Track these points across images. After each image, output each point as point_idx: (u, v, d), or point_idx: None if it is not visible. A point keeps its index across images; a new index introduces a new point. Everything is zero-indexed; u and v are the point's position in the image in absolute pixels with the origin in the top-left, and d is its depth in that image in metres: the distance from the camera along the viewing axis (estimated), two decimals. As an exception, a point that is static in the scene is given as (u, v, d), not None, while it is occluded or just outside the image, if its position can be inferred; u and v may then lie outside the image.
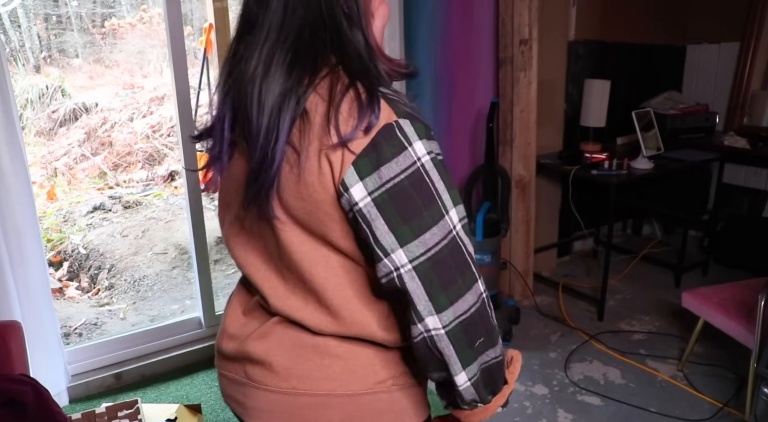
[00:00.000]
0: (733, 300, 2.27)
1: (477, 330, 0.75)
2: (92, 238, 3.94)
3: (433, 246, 0.72)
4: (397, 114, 0.73)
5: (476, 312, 0.74)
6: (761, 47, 3.57)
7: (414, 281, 0.72)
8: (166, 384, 2.38)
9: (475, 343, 0.75)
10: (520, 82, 2.81)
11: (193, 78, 4.34)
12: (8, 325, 1.66)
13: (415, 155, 0.72)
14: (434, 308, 0.72)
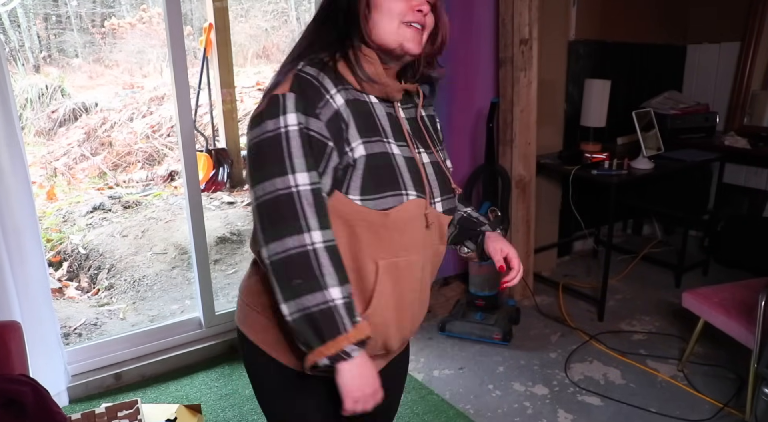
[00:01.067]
0: (733, 300, 2.27)
1: (296, 271, 0.90)
2: (92, 238, 3.93)
3: (270, 192, 0.91)
4: (290, 89, 0.93)
5: (296, 256, 0.90)
6: (761, 47, 3.57)
7: (255, 214, 0.93)
8: (166, 384, 2.38)
9: (293, 282, 0.90)
10: (520, 82, 2.81)
11: (193, 78, 4.34)
12: (8, 325, 1.65)
13: (284, 122, 0.91)
14: (263, 240, 0.92)
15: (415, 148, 1.05)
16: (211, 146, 4.81)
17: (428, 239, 1.06)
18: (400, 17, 0.98)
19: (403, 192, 0.97)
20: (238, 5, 5.87)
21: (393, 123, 1.04)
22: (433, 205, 1.05)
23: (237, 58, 5.59)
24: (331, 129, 0.94)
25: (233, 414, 2.20)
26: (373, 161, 0.96)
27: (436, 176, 1.07)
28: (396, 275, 1.02)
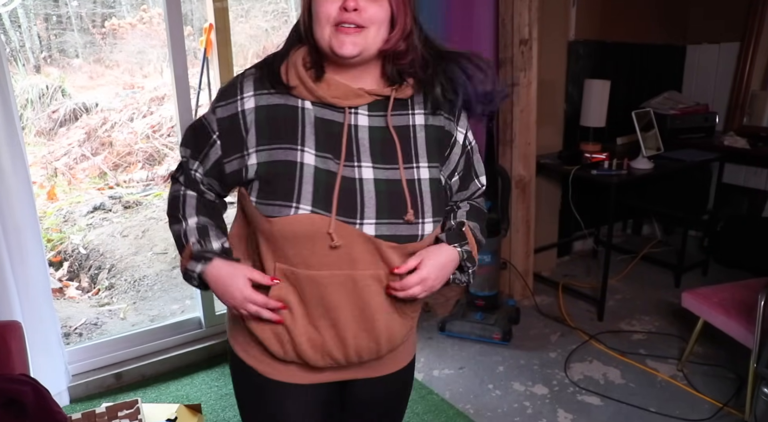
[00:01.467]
0: (733, 300, 2.28)
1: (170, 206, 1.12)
2: (92, 238, 3.94)
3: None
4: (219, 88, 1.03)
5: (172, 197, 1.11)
6: (761, 47, 3.57)
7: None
8: (167, 383, 2.38)
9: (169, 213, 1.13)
10: (520, 82, 2.81)
11: (193, 78, 4.33)
12: (8, 325, 1.66)
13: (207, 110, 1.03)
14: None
15: (348, 161, 0.96)
16: (211, 146, 4.80)
17: (343, 258, 0.96)
18: (331, 21, 0.92)
19: (292, 204, 0.93)
20: (239, 5, 5.87)
21: (329, 131, 0.97)
22: (358, 225, 0.95)
23: (237, 58, 5.58)
24: (223, 125, 0.99)
25: (233, 414, 2.20)
26: (268, 168, 0.96)
27: (383, 197, 0.96)
28: (299, 285, 1.00)
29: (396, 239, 0.97)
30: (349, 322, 1.02)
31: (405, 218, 0.96)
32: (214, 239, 1.06)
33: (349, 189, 0.96)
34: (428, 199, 0.99)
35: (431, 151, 1.02)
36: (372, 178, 0.97)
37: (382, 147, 0.98)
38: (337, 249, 0.95)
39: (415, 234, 0.98)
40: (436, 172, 1.02)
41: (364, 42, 0.93)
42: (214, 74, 4.72)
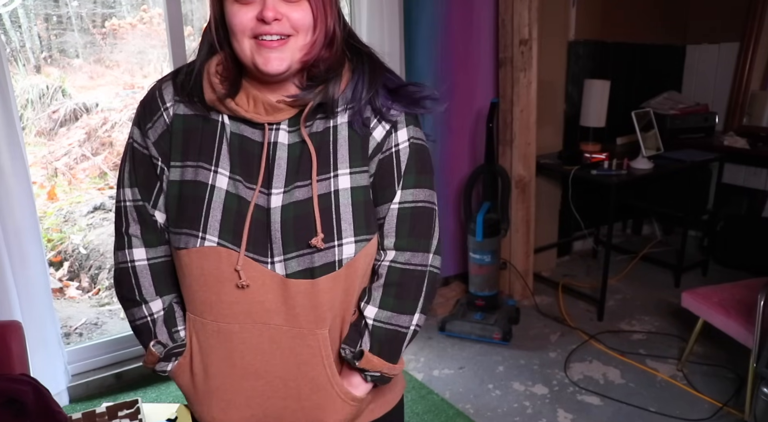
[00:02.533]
0: (732, 300, 2.28)
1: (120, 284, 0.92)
2: (93, 238, 3.94)
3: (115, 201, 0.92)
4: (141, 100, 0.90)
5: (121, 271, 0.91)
6: (761, 47, 3.57)
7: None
8: (167, 383, 2.38)
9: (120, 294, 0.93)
10: (520, 82, 2.81)
11: (193, 78, 4.34)
12: (9, 325, 1.66)
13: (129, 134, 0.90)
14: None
15: (264, 186, 0.83)
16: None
17: (254, 305, 0.83)
18: (248, 33, 0.79)
19: (198, 234, 0.82)
20: (239, 6, 5.88)
21: (245, 150, 0.84)
22: (270, 265, 0.82)
23: (237, 58, 5.59)
24: (162, 147, 0.86)
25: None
26: (181, 188, 0.84)
27: (288, 225, 0.82)
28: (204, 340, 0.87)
29: (309, 273, 0.82)
30: (270, 398, 0.87)
31: (313, 243, 0.81)
32: (180, 321, 0.90)
33: (261, 221, 0.82)
34: (348, 214, 0.83)
35: (354, 151, 0.85)
36: (280, 205, 0.82)
37: (299, 164, 0.84)
38: (247, 294, 0.82)
39: (331, 262, 0.82)
40: (362, 178, 0.85)
41: (291, 55, 0.80)
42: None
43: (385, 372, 0.88)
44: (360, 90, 0.85)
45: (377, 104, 0.86)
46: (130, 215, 0.89)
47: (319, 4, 0.80)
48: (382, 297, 0.88)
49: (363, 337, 0.88)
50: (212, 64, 0.85)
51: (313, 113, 0.85)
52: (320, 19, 0.81)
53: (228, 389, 0.87)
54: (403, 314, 0.89)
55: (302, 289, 0.82)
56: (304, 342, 0.84)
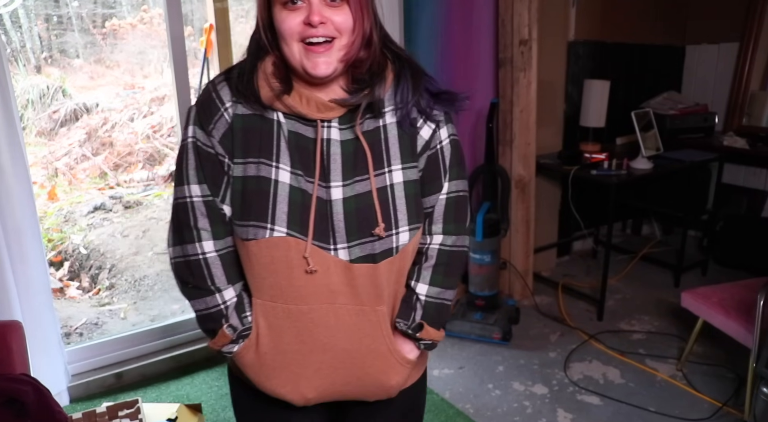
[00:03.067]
0: (732, 300, 2.28)
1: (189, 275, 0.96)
2: (93, 238, 3.94)
3: (174, 199, 0.95)
4: (196, 102, 0.95)
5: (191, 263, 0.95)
6: (760, 47, 3.58)
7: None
8: (167, 383, 2.39)
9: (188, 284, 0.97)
10: (519, 82, 2.82)
11: (193, 78, 4.34)
12: (9, 325, 1.66)
13: (186, 135, 0.94)
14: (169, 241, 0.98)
15: (322, 180, 0.90)
16: (211, 147, 4.81)
17: (320, 288, 0.91)
18: (296, 37, 0.86)
19: (267, 225, 0.88)
20: (239, 6, 5.88)
21: (301, 146, 0.91)
22: (333, 251, 0.90)
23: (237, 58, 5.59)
24: (226, 145, 0.92)
25: (233, 414, 2.20)
26: (245, 184, 0.90)
27: (352, 217, 0.91)
28: (274, 321, 0.94)
29: (371, 258, 0.91)
30: (337, 368, 0.96)
31: (375, 233, 0.90)
32: (247, 307, 0.97)
33: (322, 212, 0.90)
34: (402, 205, 0.93)
35: (404, 149, 0.95)
36: (341, 198, 0.91)
37: (355, 159, 0.92)
38: (314, 278, 0.90)
39: (390, 248, 0.92)
40: (412, 172, 0.95)
41: (337, 58, 0.88)
42: (215, 74, 4.74)
43: (435, 340, 1.02)
44: (406, 94, 0.94)
45: (423, 106, 0.96)
46: (198, 210, 0.93)
47: (358, 8, 0.87)
48: (431, 276, 1.01)
49: (416, 311, 1.00)
50: (267, 64, 0.91)
51: (363, 113, 0.93)
52: (358, 22, 0.88)
53: (299, 363, 0.96)
54: (449, 289, 1.03)
55: (364, 272, 0.92)
56: (365, 318, 0.94)
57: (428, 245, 1.01)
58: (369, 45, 0.91)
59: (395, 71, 0.95)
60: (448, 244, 1.02)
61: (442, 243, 1.02)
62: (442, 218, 1.00)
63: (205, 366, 2.50)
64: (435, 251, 1.01)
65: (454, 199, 1.01)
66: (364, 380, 0.98)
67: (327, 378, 0.97)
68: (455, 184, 1.01)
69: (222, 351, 0.97)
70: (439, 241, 1.01)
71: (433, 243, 1.01)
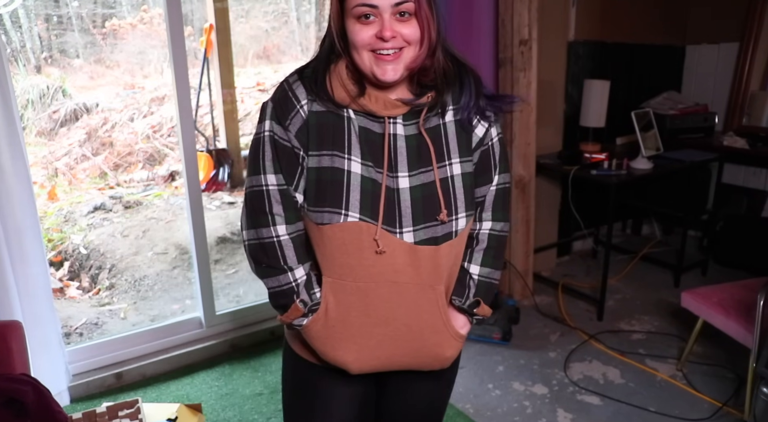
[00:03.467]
0: (732, 300, 2.28)
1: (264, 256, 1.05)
2: (93, 238, 3.94)
3: (249, 187, 1.05)
4: (271, 98, 1.04)
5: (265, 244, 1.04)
6: (760, 47, 3.58)
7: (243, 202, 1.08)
8: (167, 383, 2.39)
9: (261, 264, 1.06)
10: (519, 82, 2.82)
11: (193, 78, 4.34)
12: (9, 325, 1.66)
13: (263, 128, 1.02)
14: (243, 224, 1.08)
15: (390, 171, 1.01)
16: (211, 147, 4.81)
17: (386, 268, 1.02)
18: (366, 48, 0.96)
19: (341, 211, 0.99)
20: (239, 6, 5.88)
21: (370, 140, 1.01)
22: (398, 234, 1.01)
23: (237, 58, 5.59)
24: (301, 139, 1.01)
25: (233, 414, 2.21)
26: (319, 174, 1.00)
27: (418, 203, 1.02)
28: (342, 297, 1.04)
29: (434, 241, 1.02)
30: (398, 340, 1.07)
31: (439, 219, 1.02)
32: (315, 284, 1.07)
33: (391, 199, 1.01)
34: (461, 194, 1.04)
35: (461, 145, 1.06)
36: (408, 187, 1.01)
37: (418, 152, 1.02)
38: (381, 258, 1.00)
39: (450, 232, 1.04)
40: (468, 165, 1.06)
41: (403, 66, 0.97)
42: (214, 74, 4.75)
43: (486, 315, 1.16)
44: (468, 98, 1.05)
45: (481, 107, 1.07)
46: (273, 198, 1.03)
47: (425, 21, 0.96)
48: (483, 258, 1.14)
49: (470, 289, 1.13)
50: (341, 68, 1.01)
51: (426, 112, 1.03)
52: (425, 33, 0.97)
53: (363, 335, 1.06)
54: (497, 270, 1.17)
55: (427, 254, 1.03)
56: (425, 296, 1.05)
57: (479, 230, 1.13)
58: (433, 54, 1.00)
59: (460, 79, 1.05)
60: (497, 229, 1.14)
61: (491, 228, 1.14)
62: (491, 206, 1.13)
63: (205, 366, 2.50)
64: (485, 235, 1.14)
65: (502, 190, 1.13)
66: (421, 352, 1.09)
67: (387, 349, 1.07)
68: (503, 176, 1.13)
69: (293, 324, 1.07)
70: (489, 227, 1.14)
71: (484, 228, 1.14)
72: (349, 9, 0.95)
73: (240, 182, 4.95)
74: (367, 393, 1.19)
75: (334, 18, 0.99)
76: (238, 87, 5.12)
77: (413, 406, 1.22)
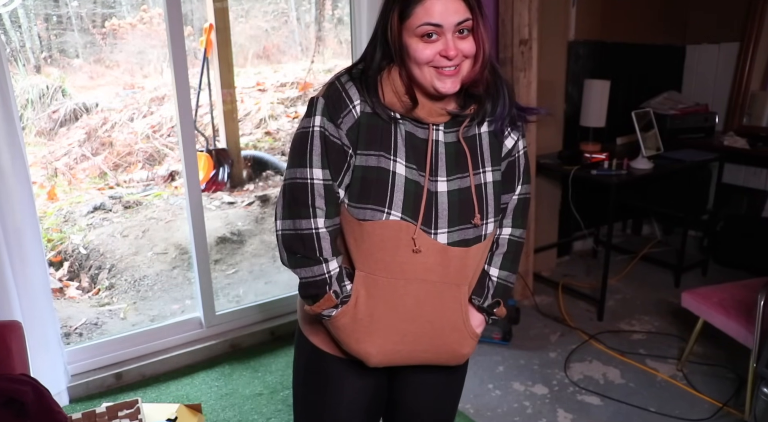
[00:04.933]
0: (732, 300, 2.28)
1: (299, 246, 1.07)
2: (92, 238, 3.94)
3: (292, 178, 1.07)
4: (323, 94, 1.06)
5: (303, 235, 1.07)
6: (761, 47, 3.58)
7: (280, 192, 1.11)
8: (167, 383, 2.39)
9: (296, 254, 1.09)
10: (520, 82, 2.81)
11: (193, 78, 4.34)
12: (8, 325, 1.66)
13: (312, 123, 1.05)
14: (279, 214, 1.10)
15: (431, 175, 1.06)
16: (211, 147, 4.81)
17: (418, 266, 1.06)
18: (430, 64, 1.00)
19: (384, 210, 1.03)
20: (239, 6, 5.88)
21: (414, 145, 1.06)
22: (433, 235, 1.06)
23: (237, 58, 5.59)
24: (351, 137, 1.05)
25: (233, 414, 2.21)
26: (365, 172, 1.04)
27: (454, 207, 1.07)
28: (373, 291, 1.08)
29: (465, 243, 1.08)
30: (420, 336, 1.11)
31: (473, 222, 1.08)
32: (346, 278, 1.11)
33: (430, 201, 1.06)
34: (492, 201, 1.11)
35: (494, 155, 1.12)
36: (446, 190, 1.07)
37: (456, 159, 1.08)
38: (415, 257, 1.05)
39: (480, 235, 1.10)
40: (498, 174, 1.13)
41: (461, 77, 1.03)
42: (214, 74, 4.75)
43: (502, 316, 1.20)
44: (503, 109, 1.10)
45: (513, 118, 1.13)
46: (317, 191, 1.05)
47: (480, 38, 1.01)
48: (502, 261, 1.19)
49: (489, 290, 1.18)
50: (395, 78, 1.04)
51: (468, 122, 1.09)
52: (481, 48, 1.02)
53: (389, 329, 1.10)
54: (514, 273, 1.21)
55: (458, 254, 1.08)
56: (450, 294, 1.10)
57: (500, 235, 1.20)
58: (477, 64, 1.04)
59: (496, 88, 1.09)
60: (516, 235, 1.21)
61: (511, 234, 1.20)
62: (512, 213, 1.20)
63: (205, 366, 2.50)
64: (506, 240, 1.20)
65: (523, 199, 1.20)
66: (440, 348, 1.14)
67: (410, 344, 1.11)
68: (525, 187, 1.20)
69: (322, 314, 1.10)
70: (509, 232, 1.20)
71: (504, 234, 1.20)
72: (412, 28, 0.99)
73: (240, 182, 4.95)
74: (378, 387, 1.23)
75: (395, 34, 1.02)
76: (237, 87, 5.12)
77: (427, 400, 1.26)
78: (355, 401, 1.20)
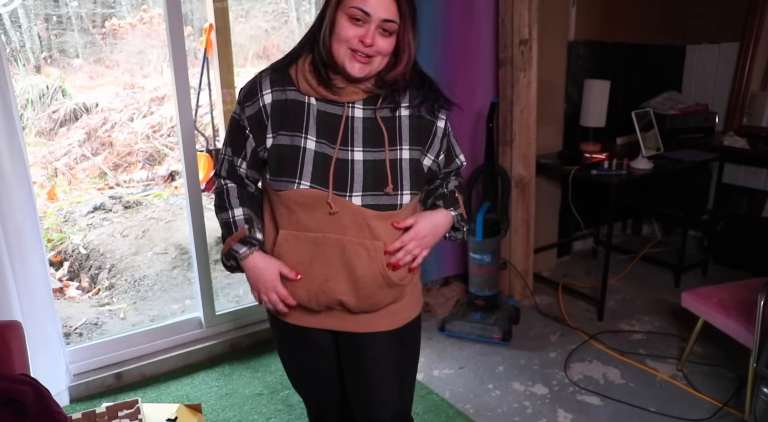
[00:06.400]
0: (732, 300, 2.28)
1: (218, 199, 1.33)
2: (93, 238, 3.94)
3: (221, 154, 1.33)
4: (243, 86, 1.25)
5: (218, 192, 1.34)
6: (761, 47, 3.58)
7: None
8: (167, 383, 2.39)
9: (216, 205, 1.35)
10: (519, 82, 2.81)
11: (193, 78, 4.34)
12: (9, 325, 1.66)
13: (234, 110, 1.28)
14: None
15: (343, 146, 1.20)
16: (211, 146, 4.81)
17: (335, 224, 1.20)
18: (348, 44, 1.14)
19: (295, 181, 1.18)
20: (239, 6, 5.88)
21: (328, 121, 1.21)
22: (348, 197, 1.19)
23: (237, 58, 5.59)
24: (252, 121, 1.23)
25: (233, 414, 2.21)
26: (279, 150, 1.20)
27: (369, 174, 1.20)
28: (300, 246, 1.24)
29: (378, 207, 1.20)
30: (342, 282, 1.24)
31: (385, 191, 1.20)
32: (258, 232, 1.29)
33: (342, 168, 1.19)
34: (407, 175, 1.22)
35: (413, 137, 1.25)
36: (362, 159, 1.20)
37: (373, 134, 1.22)
38: (333, 217, 1.19)
39: (395, 204, 1.22)
40: (417, 154, 1.25)
41: (370, 68, 1.17)
42: (214, 74, 4.75)
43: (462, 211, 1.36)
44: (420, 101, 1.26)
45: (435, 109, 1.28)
46: (227, 163, 1.31)
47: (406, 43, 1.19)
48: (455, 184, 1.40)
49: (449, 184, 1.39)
50: (303, 64, 1.21)
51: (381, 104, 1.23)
52: (406, 54, 1.20)
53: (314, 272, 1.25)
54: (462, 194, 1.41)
55: (372, 215, 1.21)
56: (364, 248, 1.22)
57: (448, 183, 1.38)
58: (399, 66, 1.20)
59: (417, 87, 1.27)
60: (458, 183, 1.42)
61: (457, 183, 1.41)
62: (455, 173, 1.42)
63: (205, 366, 2.50)
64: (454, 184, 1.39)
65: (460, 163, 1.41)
66: (360, 292, 1.26)
67: (334, 286, 1.25)
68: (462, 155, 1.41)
69: (233, 249, 1.28)
70: (456, 184, 1.39)
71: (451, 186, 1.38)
72: (345, 6, 1.12)
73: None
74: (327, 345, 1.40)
75: (332, 7, 1.15)
76: (237, 87, 5.11)
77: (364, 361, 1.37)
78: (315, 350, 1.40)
